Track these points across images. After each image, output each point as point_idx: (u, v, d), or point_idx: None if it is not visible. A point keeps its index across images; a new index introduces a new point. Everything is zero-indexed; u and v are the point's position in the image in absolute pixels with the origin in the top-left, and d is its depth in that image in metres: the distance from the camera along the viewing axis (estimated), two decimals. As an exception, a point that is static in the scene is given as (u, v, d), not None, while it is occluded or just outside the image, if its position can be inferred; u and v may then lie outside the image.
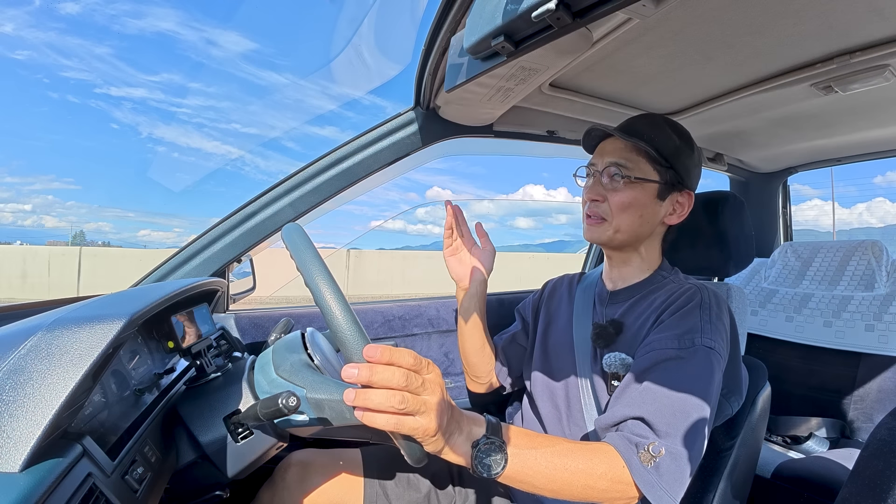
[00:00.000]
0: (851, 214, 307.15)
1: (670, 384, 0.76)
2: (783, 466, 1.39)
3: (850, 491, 0.59)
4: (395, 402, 0.55)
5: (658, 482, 0.69)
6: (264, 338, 1.27)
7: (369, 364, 0.56)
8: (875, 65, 1.02)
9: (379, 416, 0.56)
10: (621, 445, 0.72)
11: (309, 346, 0.80)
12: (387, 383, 0.55)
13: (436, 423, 0.58)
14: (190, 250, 1.19)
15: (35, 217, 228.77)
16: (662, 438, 0.72)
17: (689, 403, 0.74)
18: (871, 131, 1.58)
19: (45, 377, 0.53)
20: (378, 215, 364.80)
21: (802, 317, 1.72)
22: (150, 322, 0.82)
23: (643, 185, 0.92)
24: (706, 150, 1.82)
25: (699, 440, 0.73)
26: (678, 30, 0.95)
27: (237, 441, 0.75)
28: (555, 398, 1.00)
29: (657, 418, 0.73)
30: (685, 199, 0.97)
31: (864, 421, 1.55)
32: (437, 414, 0.59)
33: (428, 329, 1.55)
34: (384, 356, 0.56)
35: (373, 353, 0.56)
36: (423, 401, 0.57)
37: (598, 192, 0.95)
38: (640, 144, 0.92)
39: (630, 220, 0.93)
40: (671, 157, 0.93)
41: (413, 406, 0.56)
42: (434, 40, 0.94)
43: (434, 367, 0.61)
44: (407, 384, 0.56)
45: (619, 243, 0.96)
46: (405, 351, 0.58)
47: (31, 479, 0.47)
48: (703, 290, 0.88)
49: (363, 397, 0.55)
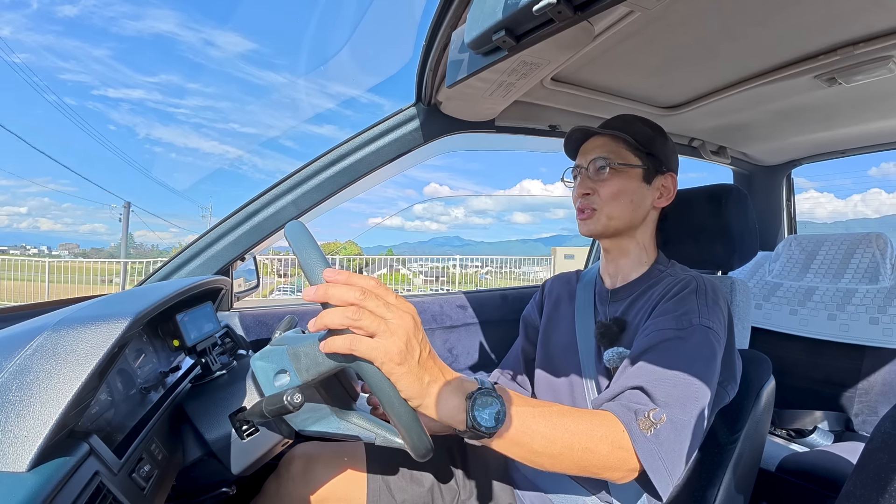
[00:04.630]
0: (847, 206, 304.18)
1: (670, 360, 0.75)
2: (787, 460, 1.39)
3: (854, 484, 0.59)
4: (348, 314, 0.53)
5: (657, 451, 0.67)
6: (268, 335, 1.28)
7: (326, 283, 0.55)
8: (879, 56, 1.02)
9: (337, 338, 0.55)
10: (620, 412, 0.70)
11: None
12: (342, 299, 0.54)
13: (399, 347, 0.55)
14: (193, 249, 1.19)
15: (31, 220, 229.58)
16: (662, 407, 0.69)
17: (690, 376, 0.72)
18: (876, 123, 1.58)
19: (52, 377, 0.53)
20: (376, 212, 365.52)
21: (807, 310, 1.72)
22: (155, 321, 0.83)
23: (628, 172, 0.96)
24: (709, 143, 1.81)
25: (700, 416, 0.72)
26: (680, 22, 0.94)
27: (243, 438, 0.76)
28: (559, 398, 1.01)
29: (656, 388, 0.71)
30: (670, 182, 1.01)
31: (868, 414, 1.54)
32: (403, 339, 0.55)
33: (431, 325, 1.55)
34: (341, 276, 0.55)
35: (331, 274, 0.55)
36: (382, 320, 0.55)
37: (587, 187, 0.98)
38: (619, 134, 0.97)
39: (622, 207, 0.96)
40: (648, 143, 0.98)
41: (369, 323, 0.54)
42: (435, 36, 0.94)
43: (406, 303, 0.58)
44: (363, 300, 0.54)
45: (615, 231, 0.98)
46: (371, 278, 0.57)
47: (38, 479, 0.47)
48: (698, 279, 0.90)
49: (320, 319, 0.54)
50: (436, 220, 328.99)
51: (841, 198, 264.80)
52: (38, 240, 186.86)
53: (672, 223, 1.08)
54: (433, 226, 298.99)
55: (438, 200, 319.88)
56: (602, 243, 1.04)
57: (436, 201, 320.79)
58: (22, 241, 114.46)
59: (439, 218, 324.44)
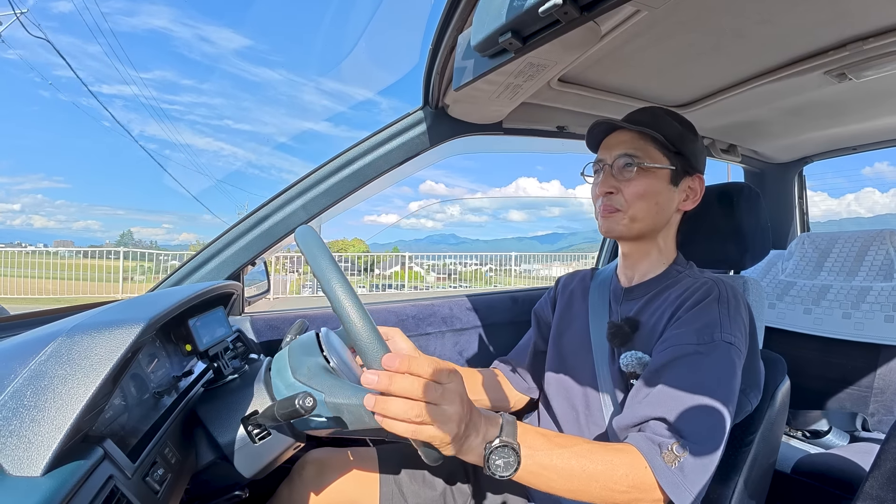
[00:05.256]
0: (840, 204, 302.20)
1: (691, 381, 0.75)
2: (803, 461, 1.37)
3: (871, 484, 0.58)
4: (412, 413, 0.56)
5: (682, 482, 0.68)
6: (279, 339, 1.28)
7: (388, 373, 0.56)
8: (888, 51, 1.01)
9: (398, 423, 0.57)
10: (644, 446, 0.71)
11: (325, 348, 0.81)
12: (405, 393, 0.56)
13: (454, 431, 0.59)
14: (205, 254, 1.20)
15: (24, 217, 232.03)
16: (686, 438, 0.71)
17: (711, 401, 0.73)
18: (886, 118, 1.56)
19: (66, 382, 0.53)
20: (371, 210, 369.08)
21: (821, 309, 1.70)
22: (168, 326, 0.83)
23: (656, 173, 0.92)
24: (719, 142, 1.79)
25: (721, 438, 0.73)
26: (687, 21, 0.94)
27: (255, 442, 0.76)
28: (572, 398, 0.99)
29: (679, 418, 0.72)
30: (697, 184, 0.97)
31: (884, 414, 1.52)
32: (456, 423, 0.59)
33: (441, 328, 1.55)
34: (402, 365, 0.57)
35: (391, 362, 0.57)
36: (441, 411, 0.58)
37: (610, 185, 0.93)
38: (647, 131, 0.91)
39: (647, 209, 0.92)
40: (678, 142, 0.93)
41: (431, 417, 0.57)
42: (441, 39, 0.94)
43: (456, 375, 0.61)
44: (424, 395, 0.57)
45: (638, 233, 0.95)
46: (424, 359, 0.59)
47: (53, 483, 0.48)
48: (719, 284, 0.87)
49: (382, 405, 0.56)
50: (431, 218, 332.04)
51: (835, 197, 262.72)
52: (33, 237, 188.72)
53: (683, 222, 1.08)
54: (429, 223, 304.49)
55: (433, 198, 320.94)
56: (621, 246, 1.01)
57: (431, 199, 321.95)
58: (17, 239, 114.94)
59: (435, 216, 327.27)
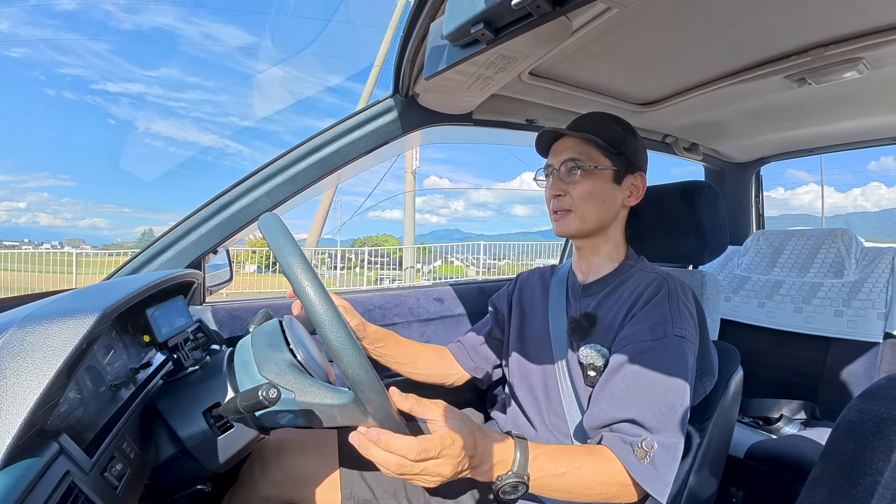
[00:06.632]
0: (847, 199, 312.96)
1: (651, 377, 0.80)
2: (755, 447, 1.43)
3: (821, 471, 0.61)
4: (393, 469, 0.61)
5: (655, 475, 0.74)
6: (242, 330, 1.25)
7: (366, 441, 0.61)
8: (849, 58, 1.05)
9: (388, 471, 0.62)
10: (617, 446, 0.77)
11: (290, 340, 0.79)
12: (382, 465, 0.62)
13: (448, 477, 0.64)
14: (164, 241, 1.16)
15: (29, 215, 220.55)
16: (652, 433, 0.76)
17: (671, 394, 0.79)
18: (844, 122, 1.62)
19: (18, 375, 0.51)
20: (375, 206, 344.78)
21: (774, 303, 1.77)
22: (125, 316, 0.80)
23: (600, 174, 0.97)
24: (682, 140, 1.84)
25: (682, 426, 0.79)
26: (656, 21, 0.95)
27: (217, 434, 0.74)
28: (533, 389, 1.03)
29: (646, 417, 0.77)
30: (639, 181, 1.02)
31: (833, 403, 1.60)
32: (447, 476, 0.64)
33: (408, 318, 1.55)
34: (380, 444, 0.61)
35: (369, 436, 0.61)
36: (423, 478, 0.63)
37: (559, 188, 0.99)
38: (590, 137, 0.97)
39: (594, 208, 0.98)
40: (619, 143, 0.98)
41: (414, 478, 0.63)
42: (413, 26, 0.93)
43: (454, 442, 0.64)
44: (399, 471, 0.61)
45: (588, 231, 1.00)
46: (412, 440, 0.61)
47: (8, 479, 0.46)
48: (668, 280, 0.93)
49: (365, 451, 0.62)
50: (436, 213, 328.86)
51: (841, 191, 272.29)
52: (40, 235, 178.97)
53: (645, 218, 1.10)
54: (433, 218, 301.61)
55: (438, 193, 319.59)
56: (574, 242, 1.07)
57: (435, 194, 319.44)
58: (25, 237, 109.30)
59: (439, 211, 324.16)
